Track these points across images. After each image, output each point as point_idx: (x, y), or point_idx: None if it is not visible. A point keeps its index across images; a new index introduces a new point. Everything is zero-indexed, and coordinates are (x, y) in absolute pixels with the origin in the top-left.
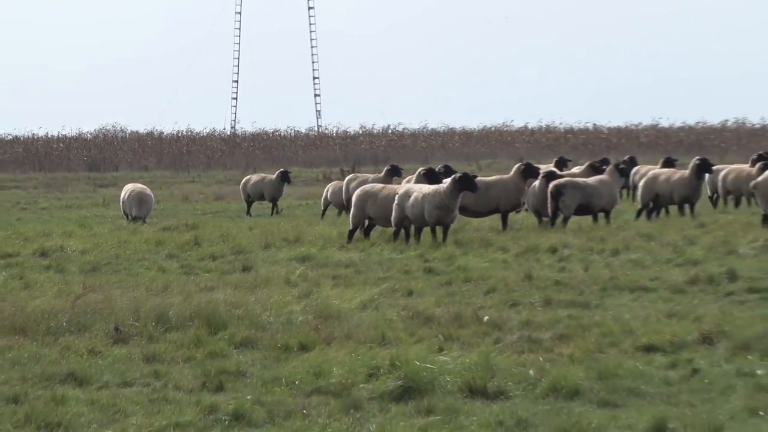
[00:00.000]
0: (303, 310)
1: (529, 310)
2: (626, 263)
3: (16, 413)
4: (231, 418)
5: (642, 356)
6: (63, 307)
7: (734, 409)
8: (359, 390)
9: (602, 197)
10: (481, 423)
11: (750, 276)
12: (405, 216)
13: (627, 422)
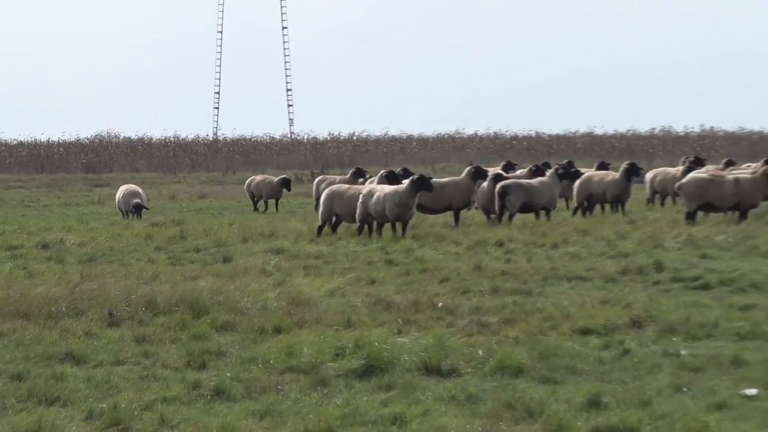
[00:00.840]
0: (277, 297)
1: (478, 297)
2: (565, 255)
3: (20, 389)
4: (213, 393)
5: (579, 338)
6: (62, 294)
7: (661, 386)
8: (327, 368)
9: (543, 197)
10: (435, 398)
11: (674, 267)
12: (368, 213)
13: (565, 397)
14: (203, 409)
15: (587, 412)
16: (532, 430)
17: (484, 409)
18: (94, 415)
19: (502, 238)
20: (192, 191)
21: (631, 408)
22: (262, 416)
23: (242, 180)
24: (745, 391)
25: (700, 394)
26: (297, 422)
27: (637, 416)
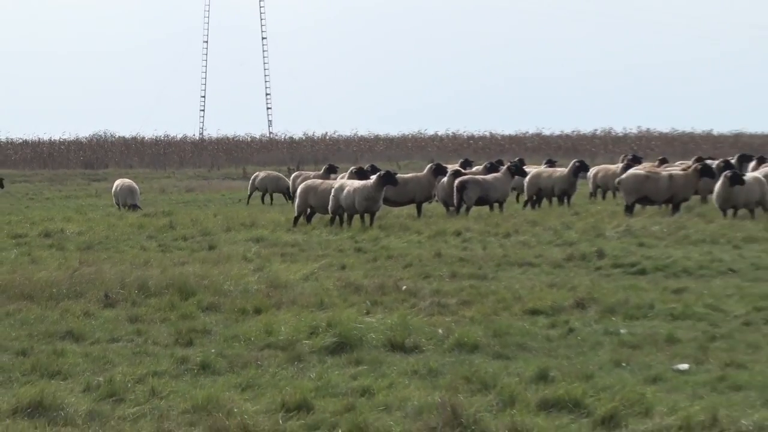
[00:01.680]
0: (257, 280)
1: (438, 281)
2: (516, 244)
3: (24, 364)
4: (199, 368)
5: (528, 318)
6: (63, 278)
7: (602, 361)
8: (302, 345)
9: (497, 191)
10: (399, 372)
11: (614, 254)
12: (340, 205)
13: (517, 371)
14: (190, 382)
15: (536, 384)
16: (486, 401)
17: (444, 382)
18: (91, 388)
19: (459, 228)
20: (180, 185)
21: (576, 381)
22: (243, 388)
23: (226, 175)
24: (678, 366)
25: (637, 368)
26: (275, 394)
27: (581, 388)
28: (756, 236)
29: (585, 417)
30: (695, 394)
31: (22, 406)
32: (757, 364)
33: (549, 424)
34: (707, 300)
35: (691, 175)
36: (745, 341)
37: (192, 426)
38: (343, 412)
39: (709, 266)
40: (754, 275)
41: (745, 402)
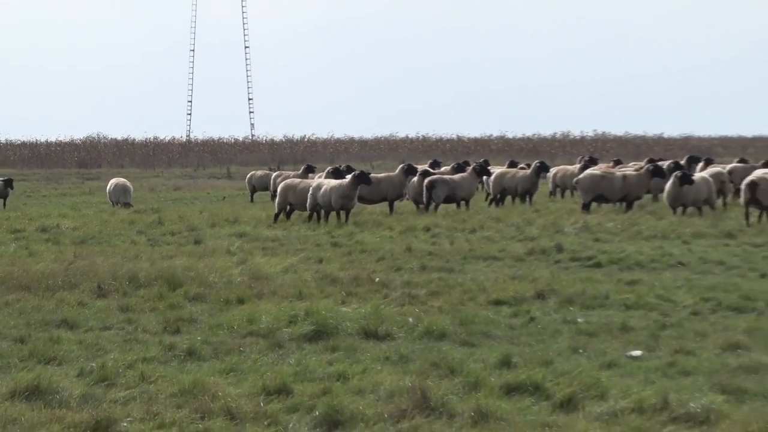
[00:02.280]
0: (240, 273)
1: (409, 274)
2: (481, 239)
3: (22, 350)
4: (185, 354)
5: (492, 308)
6: (58, 270)
7: (561, 348)
8: (282, 333)
9: (463, 190)
10: (373, 358)
11: (572, 249)
12: (317, 203)
13: (481, 357)
14: (177, 368)
15: (499, 370)
16: (453, 385)
17: (414, 367)
18: (84, 373)
19: (429, 224)
20: (168, 184)
21: (536, 367)
22: (227, 373)
23: (211, 175)
24: (631, 353)
25: (593, 355)
26: (256, 379)
27: (542, 374)
28: (703, 232)
29: (545, 400)
30: (647, 379)
31: (19, 390)
32: (704, 351)
33: (511, 406)
34: (658, 291)
35: (643, 176)
36: (694, 330)
37: (179, 408)
38: (320, 395)
39: (660, 260)
40: (701, 268)
41: (694, 386)
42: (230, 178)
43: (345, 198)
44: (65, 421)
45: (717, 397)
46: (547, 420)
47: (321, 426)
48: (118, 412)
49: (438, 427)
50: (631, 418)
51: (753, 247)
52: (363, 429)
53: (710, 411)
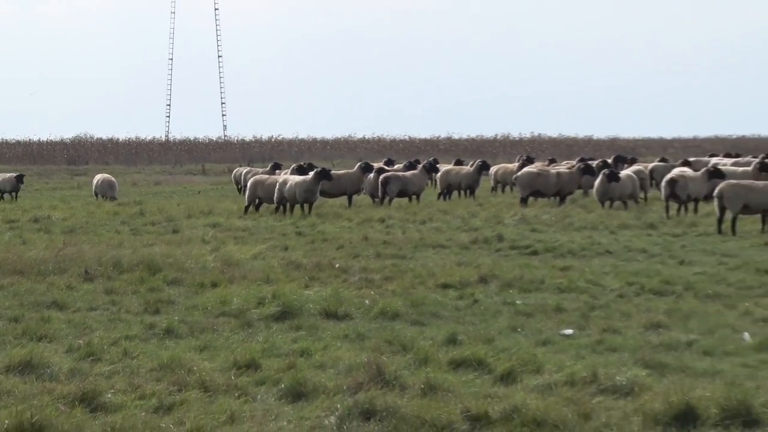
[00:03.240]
0: (213, 259)
1: (365, 260)
2: (430, 229)
3: (16, 329)
4: (164, 332)
5: (440, 291)
6: (49, 256)
7: (501, 327)
8: (251, 313)
9: (415, 185)
10: (333, 336)
11: (512, 238)
12: (283, 196)
13: (430, 335)
14: (157, 345)
15: (446, 347)
16: (405, 361)
17: (370, 344)
18: (73, 349)
19: (383, 216)
20: (149, 179)
21: (479, 344)
22: (201, 350)
23: (188, 171)
24: (564, 331)
25: (530, 333)
26: (228, 354)
27: (484, 350)
28: (628, 224)
29: (487, 374)
30: (578, 355)
31: (14, 365)
32: (629, 329)
33: (457, 379)
34: (588, 276)
35: (575, 173)
36: (620, 310)
37: (158, 381)
38: (285, 369)
39: (589, 248)
40: (626, 256)
41: (620, 361)
42: (205, 174)
43: (308, 192)
44: (55, 392)
45: (640, 371)
46: (489, 392)
47: (286, 397)
48: (103, 385)
49: (391, 398)
50: (563, 390)
51: (672, 237)
52: (324, 400)
53: (634, 383)
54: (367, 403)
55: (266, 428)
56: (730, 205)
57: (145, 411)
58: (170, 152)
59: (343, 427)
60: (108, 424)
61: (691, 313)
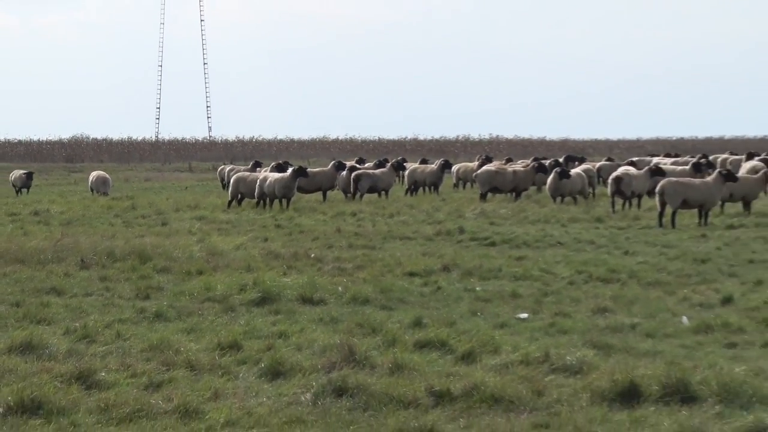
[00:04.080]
0: (199, 249)
1: (338, 250)
2: (398, 222)
3: (17, 312)
4: (154, 316)
5: (407, 278)
6: (48, 246)
7: (462, 311)
8: (234, 299)
9: (384, 182)
10: (309, 319)
11: (472, 231)
12: (263, 192)
13: (398, 318)
14: (147, 327)
15: (412, 329)
16: (375, 342)
17: (342, 327)
18: (69, 331)
19: (355, 210)
20: (140, 176)
21: (442, 326)
22: (188, 332)
23: (175, 169)
24: (519, 315)
25: (488, 317)
26: (212, 336)
27: (446, 332)
28: (578, 217)
29: (449, 354)
30: (532, 337)
31: (15, 346)
32: (578, 314)
33: (422, 359)
34: (541, 265)
35: (529, 171)
36: (570, 296)
37: (148, 361)
38: (265, 350)
39: (542, 240)
40: (576, 247)
41: (570, 343)
42: (191, 171)
43: (286, 188)
44: (53, 371)
45: (589, 351)
46: (451, 370)
47: (266, 375)
48: (98, 364)
49: (362, 376)
50: (519, 368)
51: (617, 230)
52: (300, 378)
53: (583, 363)
54: (340, 381)
55: (247, 404)
56: (670, 200)
57: (136, 388)
58: (160, 151)
59: (317, 403)
60: (102, 400)
61: (634, 299)
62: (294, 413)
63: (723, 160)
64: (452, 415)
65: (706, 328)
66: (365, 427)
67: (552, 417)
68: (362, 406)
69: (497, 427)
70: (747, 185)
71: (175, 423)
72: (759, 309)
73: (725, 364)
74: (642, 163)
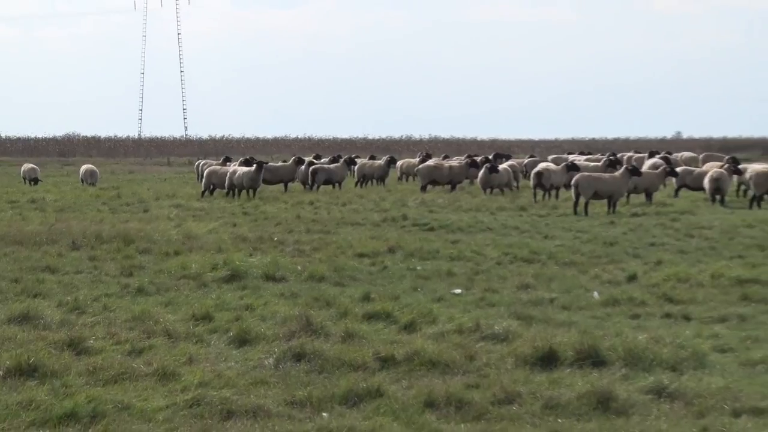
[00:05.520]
0: (176, 233)
1: (298, 234)
2: (350, 210)
3: (16, 287)
4: (136, 291)
5: (357, 259)
6: (43, 230)
7: (405, 287)
8: (206, 276)
9: (337, 176)
10: (272, 294)
11: (414, 217)
12: (233, 184)
13: (349, 294)
14: (130, 301)
15: (362, 303)
16: (329, 314)
17: (301, 301)
18: (62, 304)
19: (312, 200)
20: (124, 169)
21: (388, 300)
22: (166, 305)
23: (156, 163)
24: (454, 291)
25: (427, 292)
26: (187, 308)
27: (391, 305)
28: (505, 207)
29: (394, 324)
30: (465, 309)
31: (14, 317)
32: (505, 289)
33: (370, 328)
34: (473, 248)
35: (463, 166)
36: (498, 275)
37: (131, 330)
38: (233, 321)
39: (474, 225)
40: (503, 232)
41: (497, 314)
42: (170, 165)
43: (252, 180)
44: (47, 339)
45: (513, 322)
46: (395, 338)
47: (234, 343)
48: (87, 333)
49: (318, 344)
50: (453, 337)
51: (538, 217)
52: (264, 345)
53: (509, 332)
54: (299, 348)
55: (218, 368)
56: (583, 192)
57: (121, 354)
58: (142, 148)
59: (279, 366)
60: (90, 364)
61: (552, 277)
62: (258, 376)
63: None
64: (396, 377)
65: (613, 301)
66: (320, 387)
67: (482, 378)
68: (318, 370)
69: (434, 387)
70: (649, 179)
71: (155, 384)
72: (659, 285)
73: (630, 333)
74: (559, 159)
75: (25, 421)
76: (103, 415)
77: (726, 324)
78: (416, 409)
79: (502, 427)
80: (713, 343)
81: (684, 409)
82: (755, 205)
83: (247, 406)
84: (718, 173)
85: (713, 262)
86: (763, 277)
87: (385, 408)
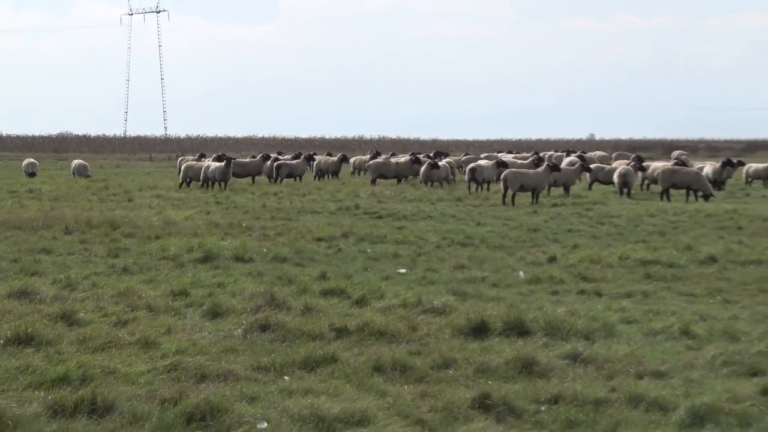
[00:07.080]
0: (157, 219)
1: (264, 221)
2: (309, 200)
3: (15, 267)
4: (121, 270)
5: (316, 243)
6: (40, 217)
7: (357, 268)
8: (183, 257)
9: (298, 170)
10: (241, 273)
11: (365, 207)
12: (207, 177)
13: (308, 272)
14: (116, 279)
15: (319, 281)
16: (290, 290)
17: (267, 279)
18: (56, 282)
19: (276, 191)
20: (112, 164)
21: (342, 279)
22: (148, 282)
23: (139, 159)
24: (399, 270)
25: (377, 272)
26: (167, 285)
27: (345, 283)
28: (444, 198)
29: (347, 299)
30: (409, 287)
31: (13, 292)
32: (444, 270)
33: (326, 303)
34: (416, 233)
35: (408, 163)
36: (437, 256)
37: (117, 304)
38: (207, 296)
39: (417, 214)
40: (442, 219)
41: (437, 291)
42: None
43: (224, 174)
44: (43, 312)
45: (450, 297)
46: (348, 312)
47: (207, 315)
48: (78, 307)
49: (281, 316)
50: (399, 310)
51: (473, 207)
52: (234, 318)
53: (446, 306)
54: (264, 320)
55: (193, 337)
56: (510, 185)
57: (107, 325)
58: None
59: (247, 336)
60: (80, 334)
61: (484, 258)
62: (229, 344)
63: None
64: (348, 345)
65: (536, 280)
66: (282, 354)
67: (423, 346)
68: (280, 339)
69: (382, 354)
70: (567, 175)
71: (137, 351)
72: (575, 266)
73: (550, 307)
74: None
75: (22, 383)
76: (92, 379)
77: (631, 299)
78: (366, 373)
79: (440, 388)
80: (621, 315)
81: (596, 372)
82: (664, 197)
83: (219, 371)
84: (625, 170)
85: (621, 246)
86: (663, 258)
87: (339, 372)
